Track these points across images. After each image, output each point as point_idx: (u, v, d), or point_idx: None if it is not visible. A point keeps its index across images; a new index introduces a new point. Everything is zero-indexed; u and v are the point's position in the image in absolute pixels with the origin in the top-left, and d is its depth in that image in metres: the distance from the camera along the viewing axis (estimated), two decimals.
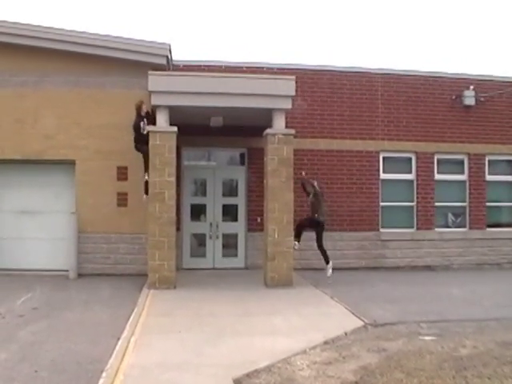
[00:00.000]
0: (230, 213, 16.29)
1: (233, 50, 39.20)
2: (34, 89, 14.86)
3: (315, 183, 14.23)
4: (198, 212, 16.21)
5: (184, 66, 15.66)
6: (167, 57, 14.66)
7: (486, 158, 17.48)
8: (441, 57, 41.36)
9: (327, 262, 14.06)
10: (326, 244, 14.47)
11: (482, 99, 17.19)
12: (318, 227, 14.10)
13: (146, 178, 13.39)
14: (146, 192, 13.36)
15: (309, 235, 15.48)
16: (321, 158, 16.23)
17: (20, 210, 15.10)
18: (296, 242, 13.88)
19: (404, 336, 9.01)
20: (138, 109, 13.61)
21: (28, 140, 14.76)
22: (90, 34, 14.77)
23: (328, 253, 14.12)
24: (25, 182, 15.11)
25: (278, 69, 15.80)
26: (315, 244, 14.06)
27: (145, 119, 13.60)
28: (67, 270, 14.44)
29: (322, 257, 14.08)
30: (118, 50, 14.74)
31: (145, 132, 13.25)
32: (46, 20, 47.34)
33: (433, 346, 8.35)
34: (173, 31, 43.45)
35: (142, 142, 13.37)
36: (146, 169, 13.33)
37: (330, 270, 13.97)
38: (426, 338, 8.91)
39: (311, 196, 14.18)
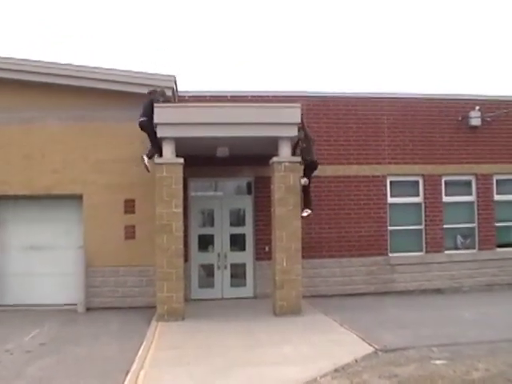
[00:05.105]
0: (237, 242, 16.23)
1: (238, 80, 39.43)
2: (41, 124, 14.97)
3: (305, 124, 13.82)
4: (205, 242, 16.15)
5: (189, 97, 15.74)
6: (173, 88, 14.71)
7: (494, 178, 17.39)
8: (445, 78, 41.46)
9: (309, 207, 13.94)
10: (335, 270, 14.45)
11: (488, 119, 17.15)
12: (315, 168, 13.96)
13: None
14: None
15: (318, 262, 15.52)
16: (328, 185, 16.21)
17: (28, 245, 15.12)
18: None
19: (415, 361, 8.95)
20: (163, 95, 13.60)
21: (36, 175, 14.85)
22: (96, 68, 14.91)
23: (333, 279, 14.02)
24: (33, 217, 15.18)
25: (283, 97, 15.82)
26: (323, 270, 14.03)
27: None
28: (76, 304, 14.43)
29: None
30: (124, 84, 14.84)
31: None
32: (48, 55, 47.92)
33: (444, 371, 8.29)
34: (178, 63, 43.80)
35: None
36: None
37: (305, 214, 13.73)
38: (438, 362, 8.84)
39: (301, 142, 13.75)
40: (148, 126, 13.16)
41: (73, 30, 45.92)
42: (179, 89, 15.40)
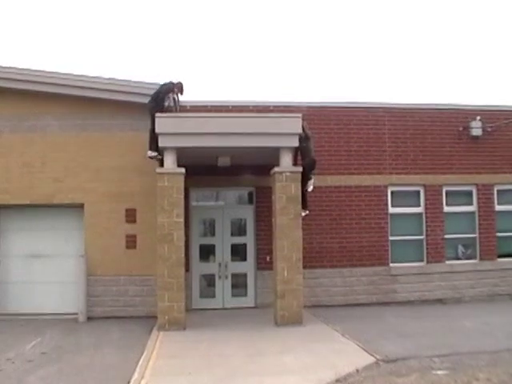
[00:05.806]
0: (238, 252, 16.18)
1: (239, 90, 39.51)
2: (42, 133, 15.02)
3: (305, 124, 13.89)
4: (206, 252, 16.10)
5: (191, 107, 15.69)
6: (174, 98, 14.76)
7: (495, 188, 17.32)
8: (446, 88, 41.54)
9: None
10: (336, 280, 14.50)
11: (489, 129, 17.14)
12: (314, 167, 14.17)
13: None
14: None
15: (319, 272, 15.50)
16: (329, 195, 16.19)
17: (29, 254, 15.12)
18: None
19: (416, 371, 8.92)
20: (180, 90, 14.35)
21: (37, 184, 14.87)
22: (97, 78, 14.95)
23: (334, 289, 14.11)
24: (34, 226, 15.18)
25: (284, 107, 15.79)
26: (324, 280, 14.05)
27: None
28: (76, 314, 14.41)
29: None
30: (125, 93, 14.90)
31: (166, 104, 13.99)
32: (48, 65, 47.91)
33: (446, 381, 8.27)
34: (179, 72, 43.95)
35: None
36: None
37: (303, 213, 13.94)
38: (439, 372, 8.83)
39: (301, 142, 13.71)
40: (150, 110, 13.54)
41: (73, 35, 46.09)
42: (180, 98, 15.42)
